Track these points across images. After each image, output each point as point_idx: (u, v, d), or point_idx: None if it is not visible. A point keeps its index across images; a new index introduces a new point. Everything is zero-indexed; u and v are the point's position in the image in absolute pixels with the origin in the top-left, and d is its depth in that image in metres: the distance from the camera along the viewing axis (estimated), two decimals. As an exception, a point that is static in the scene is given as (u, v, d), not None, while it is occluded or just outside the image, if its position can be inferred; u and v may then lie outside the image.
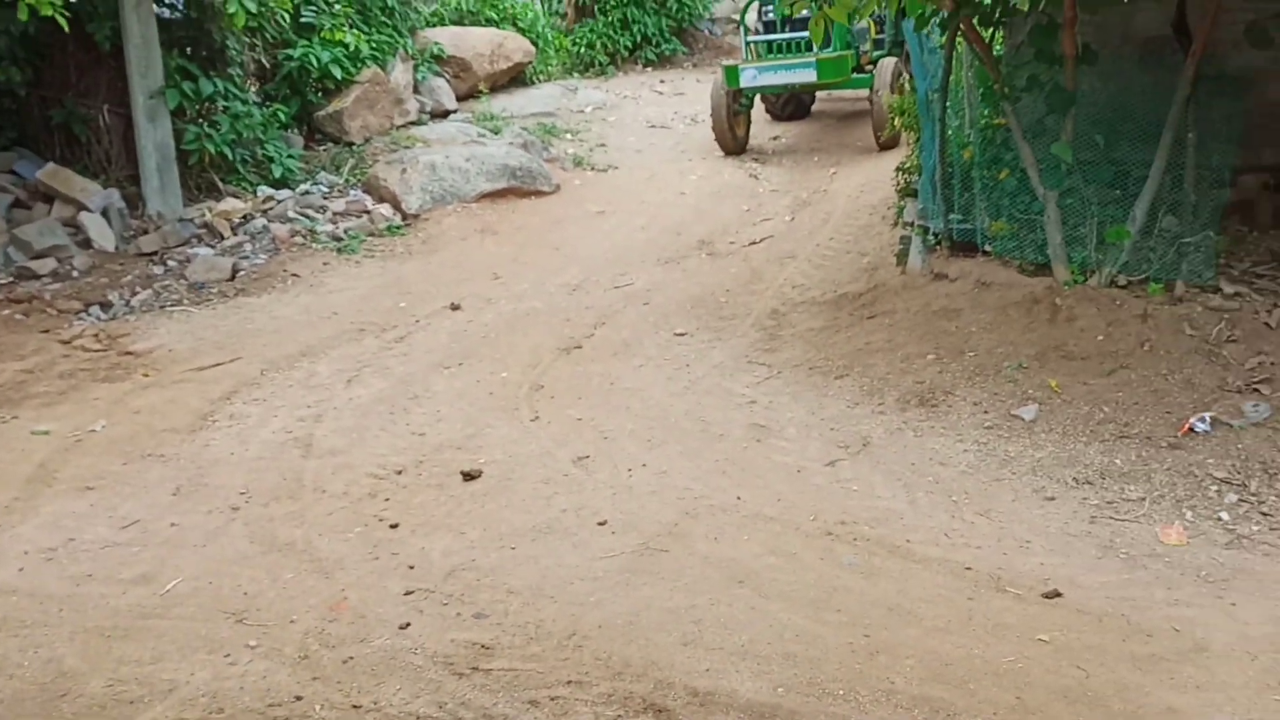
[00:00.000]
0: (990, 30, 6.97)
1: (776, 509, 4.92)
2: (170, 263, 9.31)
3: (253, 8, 9.46)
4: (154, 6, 10.00)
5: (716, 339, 7.24)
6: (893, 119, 9.38)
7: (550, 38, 17.42)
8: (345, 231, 10.12)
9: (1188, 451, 5.10)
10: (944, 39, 7.17)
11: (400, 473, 5.54)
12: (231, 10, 9.27)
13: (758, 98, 13.59)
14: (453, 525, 4.95)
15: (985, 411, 5.75)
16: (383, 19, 12.94)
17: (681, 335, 7.36)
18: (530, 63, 16.17)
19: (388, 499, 5.25)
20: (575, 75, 17.75)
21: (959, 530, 4.67)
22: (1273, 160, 7.05)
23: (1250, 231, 7.02)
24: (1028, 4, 4.75)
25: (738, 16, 22.37)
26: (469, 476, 5.41)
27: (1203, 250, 6.29)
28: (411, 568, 4.57)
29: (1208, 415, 5.29)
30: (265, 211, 10.36)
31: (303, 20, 11.62)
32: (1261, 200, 7.11)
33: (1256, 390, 5.46)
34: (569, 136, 13.86)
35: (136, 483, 5.56)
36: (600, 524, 4.86)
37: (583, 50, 18.31)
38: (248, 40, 11.04)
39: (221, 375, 7.05)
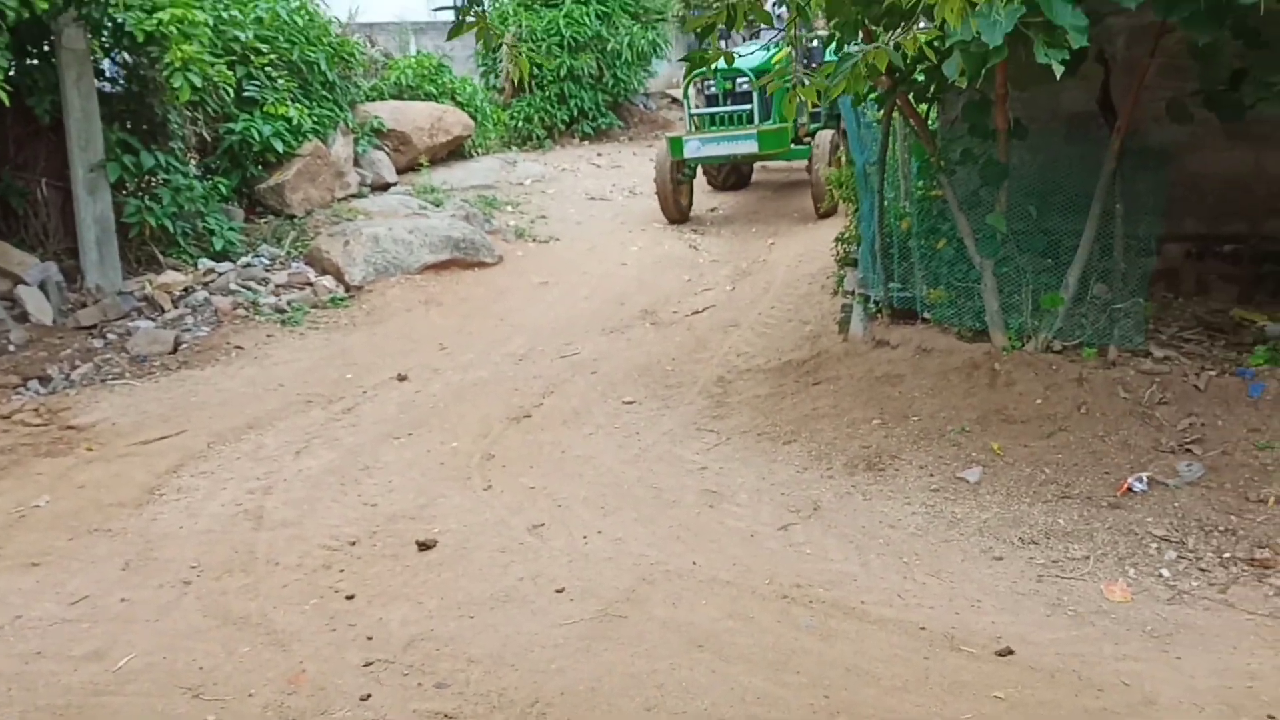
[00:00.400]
0: (925, 106, 7.25)
1: (732, 573, 4.99)
2: (110, 336, 9.20)
3: (198, 82, 9.50)
4: (95, 80, 10.00)
5: (665, 407, 7.33)
6: (831, 191, 9.65)
7: (489, 112, 17.64)
8: (288, 304, 10.10)
9: (1127, 510, 5.26)
10: (880, 114, 7.42)
11: (354, 544, 5.51)
12: (177, 84, 9.30)
13: (700, 168, 13.96)
14: (410, 595, 4.94)
15: (931, 474, 5.89)
16: (324, 93, 13.01)
17: (630, 403, 7.44)
18: (469, 136, 16.34)
19: (343, 570, 5.22)
20: (513, 148, 17.95)
21: (912, 591, 4.77)
22: (1194, 229, 7.37)
23: (1175, 298, 7.32)
24: (965, 82, 4.97)
25: (671, 91, 22.98)
26: (424, 546, 5.41)
27: (1132, 316, 6.54)
28: (370, 638, 4.55)
29: (1144, 475, 5.47)
30: (206, 284, 10.31)
31: (245, 94, 11.67)
32: (1185, 268, 7.42)
33: (1189, 450, 5.66)
34: (510, 209, 14.00)
35: (84, 558, 5.48)
36: (558, 591, 4.88)
37: (520, 124, 18.53)
38: (189, 114, 11.05)
39: (167, 448, 6.97)
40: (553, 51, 18.43)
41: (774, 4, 12.64)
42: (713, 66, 12.77)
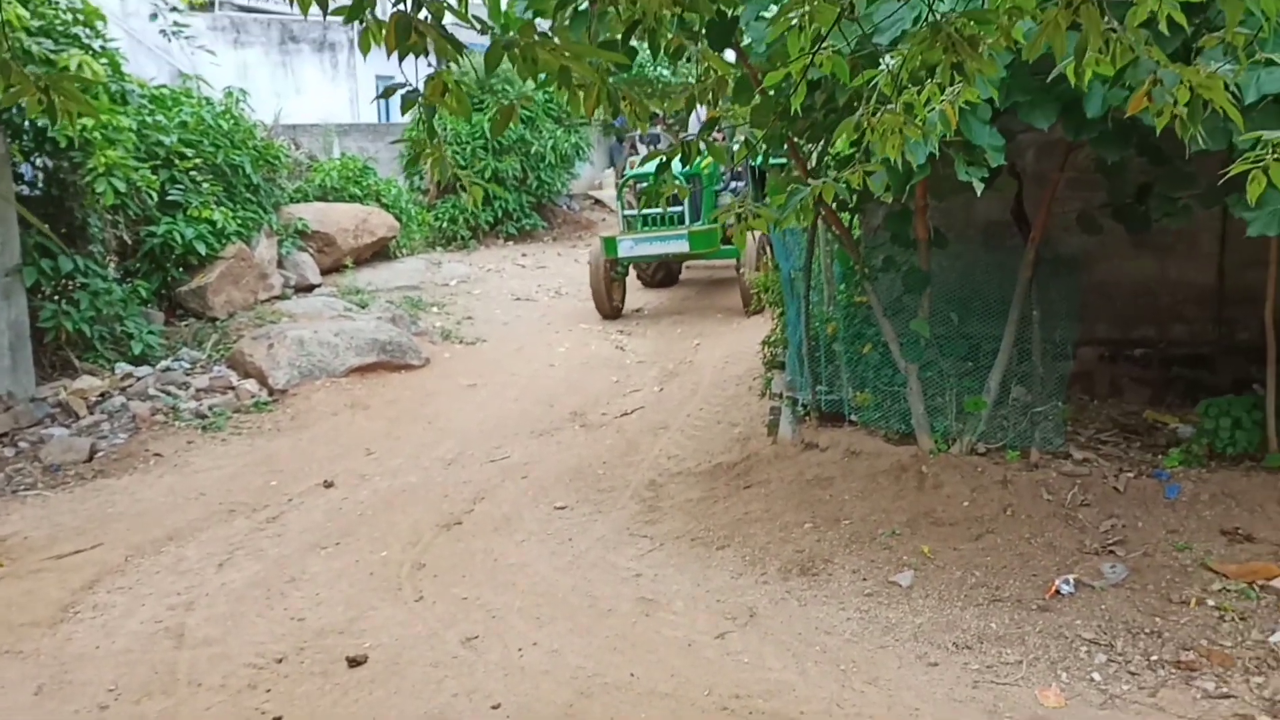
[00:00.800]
0: (848, 215, 7.47)
1: (671, 685, 4.94)
2: (22, 444, 8.94)
3: (121, 187, 9.43)
4: (13, 184, 9.86)
5: (597, 512, 7.30)
6: (758, 294, 9.86)
7: (413, 213, 17.75)
8: (210, 409, 9.91)
9: (1056, 613, 5.34)
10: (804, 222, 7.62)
11: (281, 661, 5.35)
12: (100, 190, 9.23)
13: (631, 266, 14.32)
14: (340, 715, 4.80)
15: (864, 579, 5.92)
16: (248, 195, 13.00)
17: (562, 509, 7.40)
18: (394, 237, 16.39)
19: (269, 690, 5.06)
20: (438, 249, 18.05)
21: (850, 700, 4.76)
22: (1106, 334, 7.65)
23: (1091, 400, 7.56)
24: (890, 196, 5.15)
25: (594, 193, 23.35)
26: (354, 662, 5.27)
27: (1052, 419, 6.73)
28: (300, 763, 4.41)
29: (1071, 577, 5.57)
30: (124, 389, 10.09)
31: (169, 198, 11.59)
32: (1098, 371, 7.68)
33: (1112, 552, 5.79)
34: (435, 310, 14.00)
35: (-7, 683, 5.25)
36: (494, 708, 4.78)
37: (445, 225, 18.67)
38: (110, 217, 10.92)
39: (83, 563, 6.74)
40: (478, 154, 18.68)
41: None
42: (646, 169, 13.35)
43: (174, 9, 11.80)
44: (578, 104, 2.61)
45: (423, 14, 2.19)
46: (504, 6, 4.72)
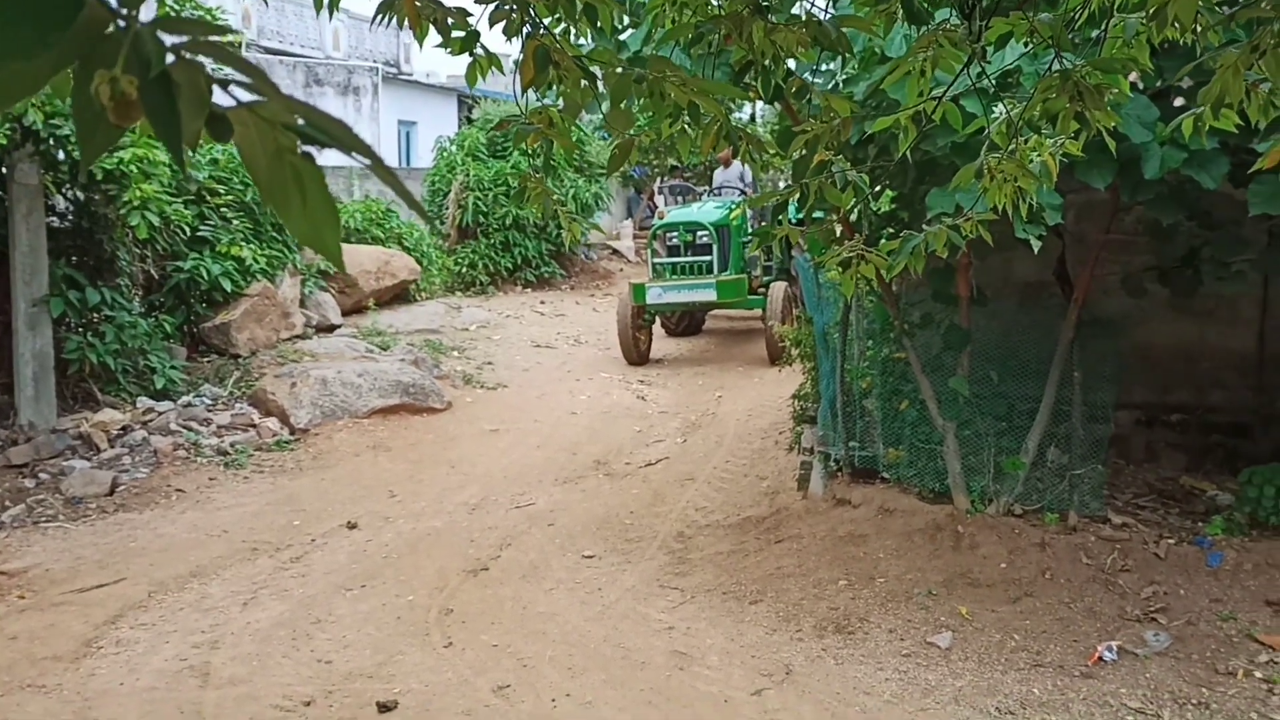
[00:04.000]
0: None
1: (709, 742, 4.84)
2: (43, 475, 8.87)
3: (156, 221, 9.45)
4: (44, 216, 9.88)
5: (626, 562, 7.21)
6: (786, 347, 9.80)
7: (434, 257, 17.80)
8: (231, 445, 9.85)
9: (1100, 681, 5.24)
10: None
11: (309, 704, 5.26)
12: (134, 223, 9.24)
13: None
14: (372, 762, 4.71)
15: (901, 639, 5.83)
16: (274, 234, 13.02)
17: (590, 558, 7.31)
18: (415, 280, 16.42)
19: (299, 734, 4.97)
20: (457, 293, 18.06)
21: (894, 763, 4.66)
22: (1142, 398, 7.59)
23: (1126, 464, 7.48)
24: (945, 252, 5.12)
25: (612, 243, 23.45)
26: (384, 708, 5.17)
27: (1090, 482, 6.65)
28: (333, 811, 4.31)
29: (1114, 644, 5.47)
30: (145, 423, 10.04)
31: (199, 234, 11.62)
32: (1134, 435, 7.61)
33: (1155, 619, 5.70)
34: (455, 354, 13.97)
35: (15, 717, 5.14)
36: (530, 759, 4.69)
37: (464, 270, 18.70)
38: (138, 251, 10.93)
39: (105, 597, 6.66)
40: (499, 200, 18.77)
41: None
42: (675, 219, 13.51)
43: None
44: (687, 142, 2.59)
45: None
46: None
